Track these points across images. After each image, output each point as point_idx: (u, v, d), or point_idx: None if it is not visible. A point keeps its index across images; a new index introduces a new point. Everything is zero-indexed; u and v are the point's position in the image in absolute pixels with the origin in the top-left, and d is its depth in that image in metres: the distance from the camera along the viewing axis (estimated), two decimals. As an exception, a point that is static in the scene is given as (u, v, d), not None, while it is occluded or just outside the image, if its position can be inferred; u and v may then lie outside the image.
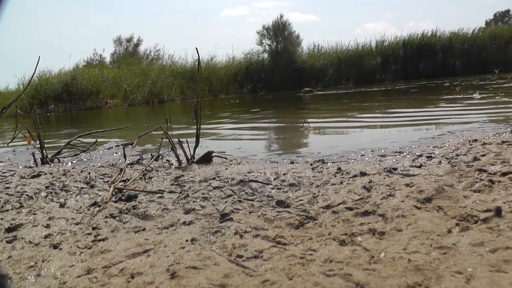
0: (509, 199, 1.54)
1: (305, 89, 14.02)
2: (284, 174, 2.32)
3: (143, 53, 22.59)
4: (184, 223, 1.64)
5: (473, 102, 5.75)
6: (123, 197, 2.02)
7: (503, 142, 2.64)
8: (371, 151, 2.86)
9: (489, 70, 11.26)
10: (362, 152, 2.85)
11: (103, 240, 1.50)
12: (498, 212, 1.39)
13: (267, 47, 18.67)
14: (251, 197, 1.94)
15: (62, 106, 13.71)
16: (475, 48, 17.99)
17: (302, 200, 1.82)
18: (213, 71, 16.86)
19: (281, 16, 18.71)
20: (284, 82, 17.25)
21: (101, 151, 3.80)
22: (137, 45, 23.63)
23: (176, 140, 2.96)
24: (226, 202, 1.88)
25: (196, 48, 2.87)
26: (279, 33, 18.52)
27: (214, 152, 2.96)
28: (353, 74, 17.83)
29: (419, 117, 4.67)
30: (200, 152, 2.94)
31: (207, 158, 2.88)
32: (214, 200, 1.91)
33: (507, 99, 5.70)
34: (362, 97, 9.88)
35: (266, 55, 18.60)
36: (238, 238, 1.43)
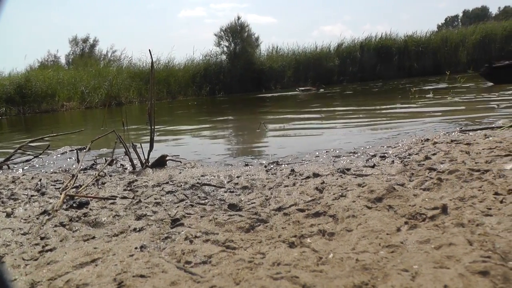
0: (455, 196, 1.60)
1: (300, 88, 13.87)
2: (237, 177, 2.31)
3: (100, 54, 22.11)
4: (134, 229, 1.60)
5: (427, 103, 5.96)
6: (74, 205, 1.95)
7: (452, 141, 2.73)
8: (326, 152, 2.89)
9: (442, 71, 11.75)
10: (317, 153, 2.88)
11: (50, 250, 1.44)
12: (444, 209, 1.44)
13: (225, 49, 18.76)
14: (203, 201, 1.92)
15: (15, 109, 13.11)
16: (429, 50, 18.79)
17: (254, 202, 1.82)
18: (171, 73, 16.77)
19: (239, 18, 18.88)
20: (242, 84, 17.39)
21: (54, 156, 3.66)
22: (93, 45, 23.07)
23: (130, 144, 2.90)
24: (178, 207, 1.85)
25: (150, 50, 2.84)
26: (237, 34, 18.61)
27: (168, 155, 2.92)
28: (311, 76, 18.17)
29: (374, 118, 4.79)
30: (155, 155, 2.89)
31: (161, 162, 2.84)
32: (166, 205, 1.88)
33: (457, 100, 5.94)
34: (320, 98, 10.04)
35: (224, 56, 18.64)
36: (188, 244, 1.41)
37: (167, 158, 2.89)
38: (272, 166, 2.57)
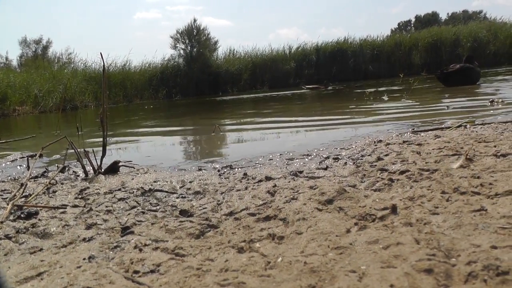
0: (405, 196, 1.63)
1: (307, 86, 13.62)
2: (190, 182, 2.28)
3: (54, 56, 21.43)
4: (84, 239, 1.54)
5: (381, 105, 6.12)
6: (22, 215, 1.85)
7: (404, 142, 2.81)
8: (280, 155, 2.90)
9: (397, 74, 12.16)
10: (271, 156, 2.89)
11: (-7, 265, 1.36)
12: (393, 209, 1.46)
13: (181, 52, 18.68)
14: (155, 208, 1.88)
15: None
16: (383, 53, 19.45)
17: (206, 208, 1.80)
18: (128, 76, 16.54)
19: (195, 20, 18.85)
20: (199, 87, 17.43)
21: (3, 164, 3.49)
22: (46, 47, 22.32)
23: (83, 150, 2.82)
24: (129, 214, 1.80)
25: (101, 54, 2.77)
26: (193, 37, 18.57)
27: (120, 161, 2.86)
28: (267, 79, 18.40)
29: (329, 120, 4.87)
30: (109, 161, 2.82)
31: (114, 168, 2.77)
32: (117, 213, 1.83)
33: (410, 102, 6.13)
34: (277, 101, 10.12)
35: (181, 59, 18.56)
36: (137, 252, 1.37)
37: (120, 164, 2.82)
38: (225, 170, 2.55)
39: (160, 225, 1.63)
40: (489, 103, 4.89)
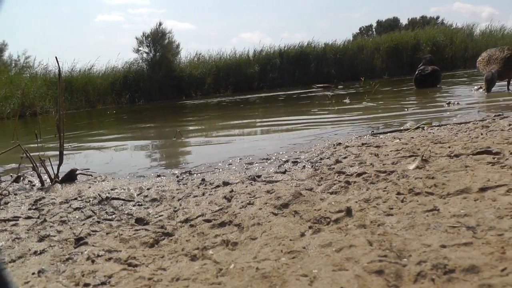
0: (361, 198, 1.65)
1: (318, 85, 13.37)
2: (148, 189, 2.24)
3: (11, 60, 20.61)
4: (35, 252, 1.48)
5: (343, 108, 6.21)
6: None
7: (363, 144, 2.85)
8: (239, 159, 2.89)
9: (359, 77, 12.41)
10: (231, 160, 2.88)
11: None
12: (348, 212, 1.48)
13: (144, 55, 18.51)
14: (110, 217, 1.83)
15: None
16: (346, 57, 19.84)
17: (162, 215, 1.77)
18: (90, 80, 16.17)
19: (160, 24, 18.64)
20: (163, 91, 17.32)
21: None
22: (1, 50, 21.42)
23: (39, 158, 2.72)
24: (84, 224, 1.74)
25: (56, 57, 2.68)
26: (157, 41, 18.41)
27: (78, 169, 2.78)
28: (231, 82, 18.42)
29: (291, 123, 4.91)
30: (66, 169, 2.73)
31: (71, 177, 2.69)
32: (72, 223, 1.77)
33: (372, 104, 6.25)
34: (242, 104, 10.12)
35: (144, 63, 18.37)
36: (90, 264, 1.33)
37: (78, 172, 2.75)
38: (184, 176, 2.52)
39: (115, 235, 1.58)
40: (446, 105, 5.05)
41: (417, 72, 8.50)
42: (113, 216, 1.84)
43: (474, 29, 22.21)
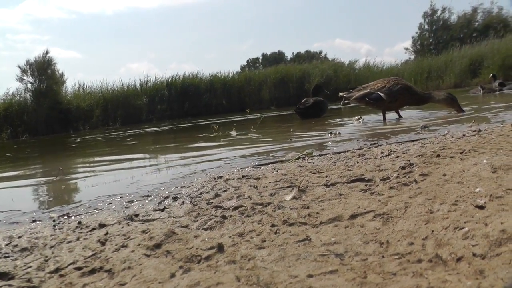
0: (235, 232, 1.68)
1: (342, 94, 12.76)
2: (19, 237, 2.04)
3: None
4: None
5: (228, 139, 6.32)
6: None
7: (243, 176, 2.92)
8: (120, 197, 2.79)
9: (247, 109, 12.81)
10: (111, 199, 2.76)
11: None
12: (220, 248, 1.49)
13: (29, 86, 17.30)
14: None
15: None
16: (234, 89, 20.46)
17: (31, 266, 1.62)
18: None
19: (47, 52, 17.63)
20: (49, 124, 16.40)
21: None
22: None
23: None
24: None
25: None
26: (43, 70, 17.39)
27: None
28: (120, 115, 17.99)
29: (175, 157, 4.87)
30: None
31: None
32: None
33: (257, 135, 6.45)
34: (129, 138, 9.85)
35: (28, 94, 17.20)
36: None
37: None
38: (61, 220, 2.35)
39: (-30, 295, 1.42)
40: (329, 135, 5.37)
41: (298, 105, 9.07)
42: (-30, 272, 1.65)
43: (356, 64, 24.62)
